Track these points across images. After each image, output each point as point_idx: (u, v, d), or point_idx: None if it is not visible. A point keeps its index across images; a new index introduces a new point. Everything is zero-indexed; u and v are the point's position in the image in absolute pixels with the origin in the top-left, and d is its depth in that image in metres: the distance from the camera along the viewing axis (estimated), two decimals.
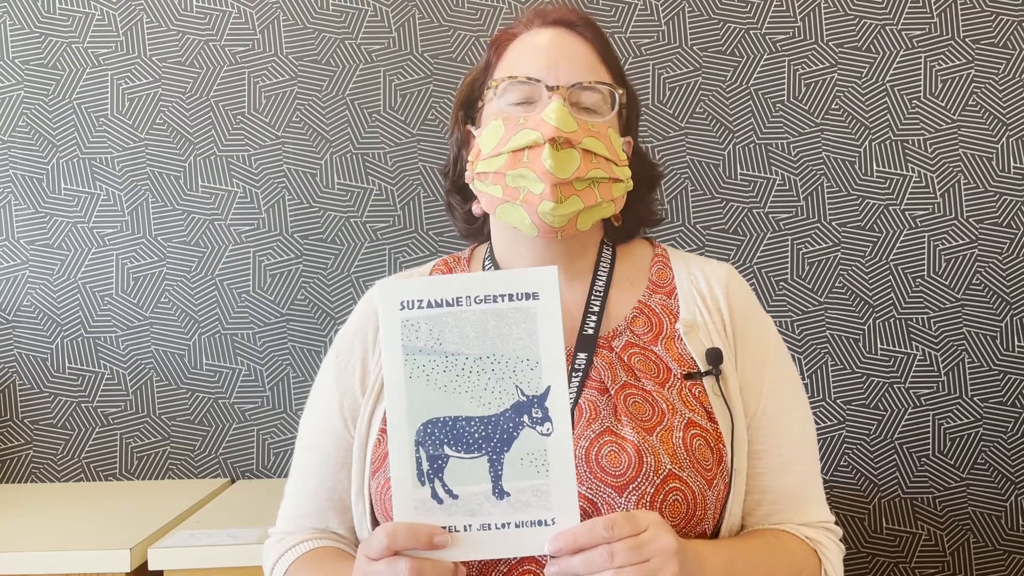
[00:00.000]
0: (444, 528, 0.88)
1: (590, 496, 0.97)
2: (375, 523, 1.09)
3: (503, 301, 0.91)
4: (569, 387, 1.03)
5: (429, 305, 0.91)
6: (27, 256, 2.01)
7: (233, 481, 2.01)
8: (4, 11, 2.00)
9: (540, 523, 0.88)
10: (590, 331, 1.08)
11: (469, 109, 1.16)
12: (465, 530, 0.89)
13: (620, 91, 1.10)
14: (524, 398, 0.90)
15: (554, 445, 0.89)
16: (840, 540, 1.11)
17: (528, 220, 1.06)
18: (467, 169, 1.13)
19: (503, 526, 0.89)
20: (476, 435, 0.89)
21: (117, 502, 1.83)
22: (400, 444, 0.89)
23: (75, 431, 2.01)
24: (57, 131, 2.01)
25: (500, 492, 0.89)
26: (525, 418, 0.89)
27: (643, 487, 0.97)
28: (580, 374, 1.05)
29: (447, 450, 0.89)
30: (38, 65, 2.01)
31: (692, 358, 1.07)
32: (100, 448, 2.01)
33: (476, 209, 1.15)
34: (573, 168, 1.03)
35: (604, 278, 1.13)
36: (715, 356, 1.06)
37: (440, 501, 0.89)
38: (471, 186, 1.13)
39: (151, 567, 1.52)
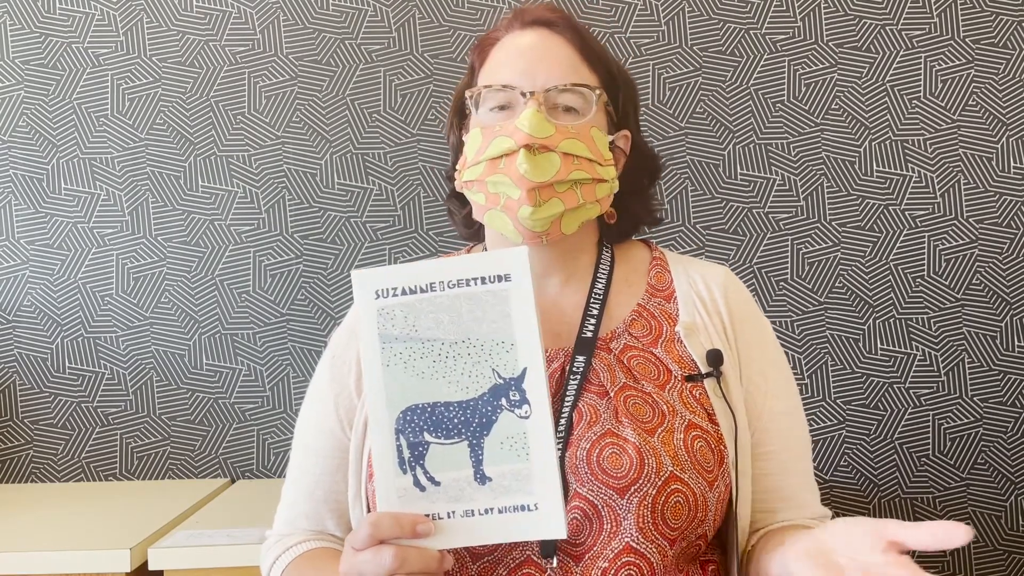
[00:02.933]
0: (428, 516, 0.88)
1: (591, 498, 0.97)
2: None
3: (476, 284, 0.90)
4: (568, 390, 1.03)
5: (403, 292, 0.90)
6: (27, 256, 2.01)
7: (233, 481, 2.01)
8: (4, 11, 2.00)
9: (523, 508, 0.88)
10: (589, 334, 1.08)
11: (461, 117, 1.16)
12: (449, 517, 0.88)
13: (598, 91, 1.08)
14: (501, 381, 0.89)
15: (533, 428, 0.88)
16: None
17: (511, 226, 1.05)
18: (456, 178, 1.13)
19: (487, 512, 0.88)
20: (455, 420, 0.89)
21: (117, 502, 1.83)
22: (381, 433, 0.89)
23: (75, 431, 2.01)
24: (57, 131, 2.01)
25: (482, 477, 0.88)
26: (503, 401, 0.89)
27: (645, 489, 0.97)
28: (579, 377, 1.04)
29: (427, 436, 0.89)
30: (38, 65, 2.01)
31: (693, 360, 1.07)
32: (100, 448, 2.01)
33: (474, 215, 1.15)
34: (552, 172, 1.03)
35: (603, 280, 1.13)
36: (716, 357, 1.06)
37: (422, 488, 0.89)
38: (464, 193, 1.13)
39: (151, 567, 1.51)
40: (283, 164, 2.01)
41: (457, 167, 1.12)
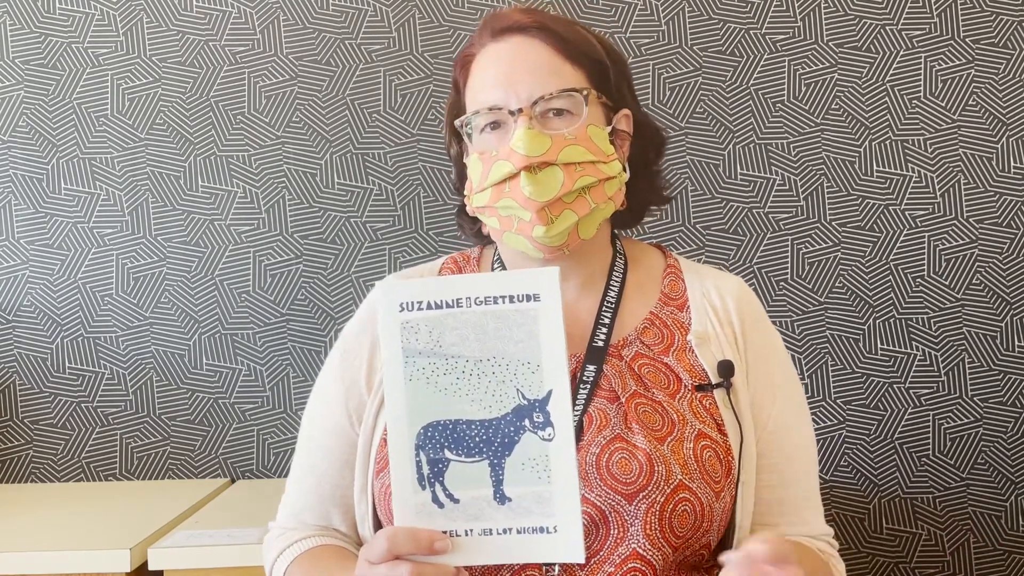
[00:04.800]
0: (445, 533, 0.88)
1: (599, 503, 0.97)
2: (377, 522, 1.09)
3: (503, 303, 0.89)
4: (578, 397, 1.03)
5: (429, 307, 0.89)
6: (27, 256, 2.01)
7: (233, 481, 2.01)
8: (4, 11, 2.00)
9: (542, 530, 0.87)
10: (600, 343, 1.07)
11: (457, 135, 1.15)
12: (466, 535, 0.88)
13: (585, 91, 1.06)
14: (525, 402, 0.88)
15: (556, 451, 0.87)
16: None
17: (530, 245, 1.05)
18: (466, 203, 1.12)
19: (505, 532, 0.88)
20: (477, 439, 0.88)
21: (117, 502, 1.83)
22: (400, 448, 0.88)
23: (75, 431, 2.01)
24: (57, 131, 2.01)
25: (501, 497, 0.88)
26: (526, 422, 0.88)
27: (653, 495, 0.97)
28: (589, 385, 1.04)
29: (448, 454, 0.88)
30: (38, 65, 2.01)
31: (704, 370, 1.07)
32: (100, 448, 2.01)
33: (485, 229, 1.15)
34: (557, 187, 1.02)
35: (616, 288, 1.12)
36: (727, 368, 1.06)
37: (441, 505, 0.88)
38: (478, 217, 1.13)
39: (151, 567, 1.51)
40: (283, 164, 2.01)
41: (465, 192, 1.12)
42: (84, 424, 2.01)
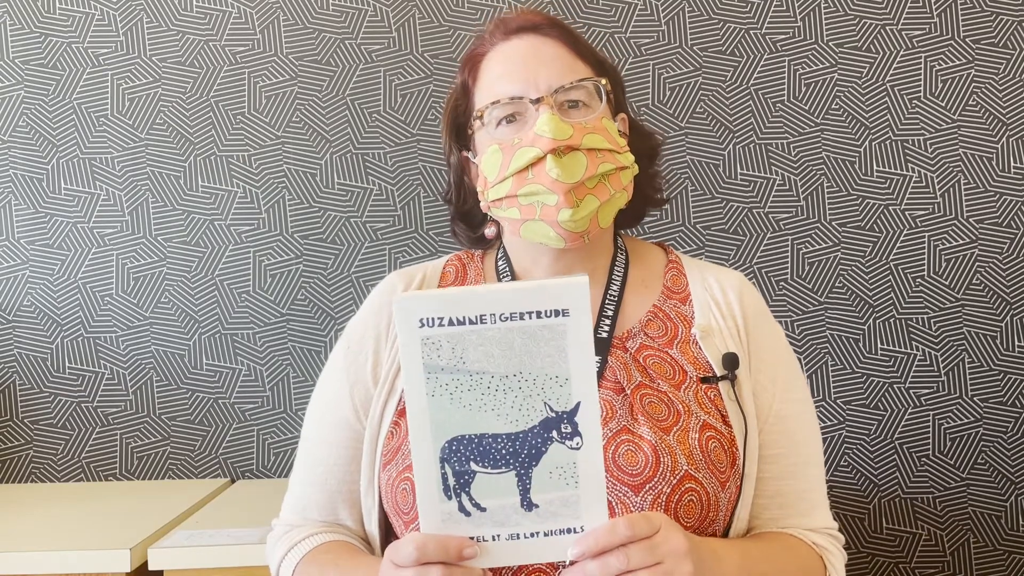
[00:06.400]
0: (472, 539, 0.87)
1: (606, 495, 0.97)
2: (383, 515, 1.09)
3: (531, 318, 0.85)
4: None
5: (451, 323, 0.85)
6: (27, 256, 2.01)
7: (233, 481, 2.01)
8: (4, 11, 2.00)
9: (569, 531, 0.87)
10: (604, 335, 1.09)
11: (459, 136, 1.16)
12: (494, 540, 0.87)
13: (603, 80, 1.10)
14: (553, 414, 0.86)
15: (584, 457, 0.86)
16: (842, 547, 1.12)
17: (552, 232, 1.06)
18: (480, 199, 1.13)
19: (532, 535, 0.87)
20: (503, 451, 0.87)
21: (117, 502, 1.83)
22: (424, 461, 0.87)
23: (75, 431, 2.01)
24: (57, 131, 2.01)
25: (528, 504, 0.87)
26: (554, 433, 0.86)
27: (659, 487, 0.97)
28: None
29: (473, 466, 0.87)
30: (38, 65, 2.01)
31: (708, 362, 1.08)
32: (100, 448, 2.01)
33: (489, 232, 1.15)
34: (581, 170, 1.03)
35: (619, 282, 1.13)
36: (731, 361, 1.07)
37: (468, 514, 0.87)
38: (490, 214, 1.13)
39: (151, 567, 1.52)
40: (283, 164, 2.01)
41: (479, 188, 1.12)
42: (84, 424, 2.01)
